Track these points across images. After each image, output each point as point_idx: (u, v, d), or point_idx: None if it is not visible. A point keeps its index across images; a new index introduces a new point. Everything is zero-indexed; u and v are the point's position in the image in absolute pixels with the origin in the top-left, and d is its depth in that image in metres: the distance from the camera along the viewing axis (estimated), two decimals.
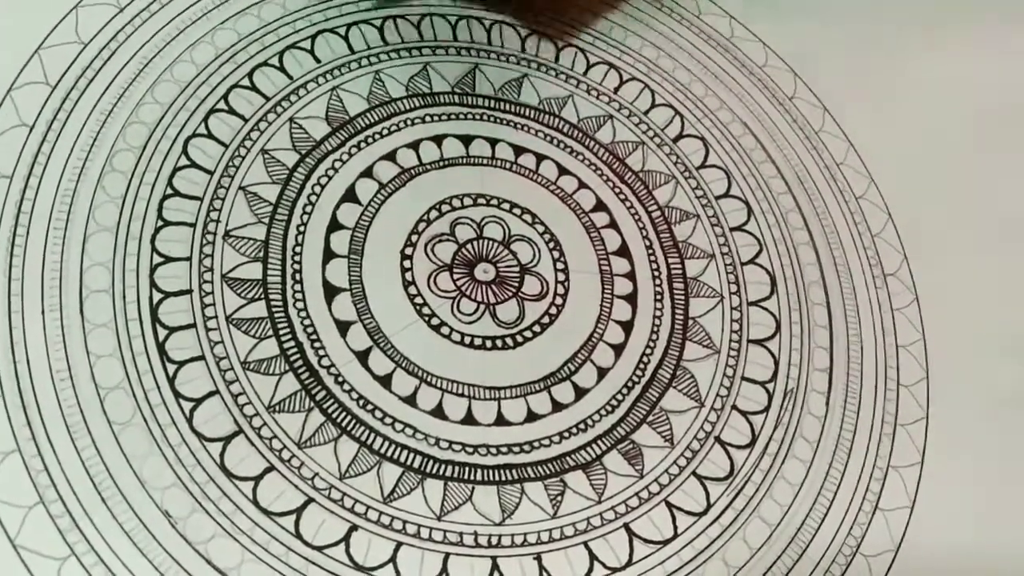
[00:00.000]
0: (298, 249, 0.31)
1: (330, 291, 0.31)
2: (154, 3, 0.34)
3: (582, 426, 0.31)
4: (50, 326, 0.28)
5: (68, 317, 0.28)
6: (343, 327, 0.30)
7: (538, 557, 0.28)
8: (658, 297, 0.33)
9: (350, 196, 0.32)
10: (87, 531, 0.26)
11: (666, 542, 0.29)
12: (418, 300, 0.31)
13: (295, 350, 0.30)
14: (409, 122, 0.35)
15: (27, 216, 0.30)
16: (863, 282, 0.36)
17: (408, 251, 0.32)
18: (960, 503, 0.32)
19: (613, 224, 0.35)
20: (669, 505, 0.30)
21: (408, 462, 0.29)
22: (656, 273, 0.34)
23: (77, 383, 0.28)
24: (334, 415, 0.29)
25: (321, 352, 0.30)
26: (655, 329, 0.33)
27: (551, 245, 0.34)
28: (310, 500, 0.27)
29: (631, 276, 0.34)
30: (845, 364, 0.34)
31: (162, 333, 0.29)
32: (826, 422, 0.33)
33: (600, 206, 0.35)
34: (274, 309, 0.30)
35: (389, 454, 0.29)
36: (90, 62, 0.33)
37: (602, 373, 0.32)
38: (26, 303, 0.28)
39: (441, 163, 0.34)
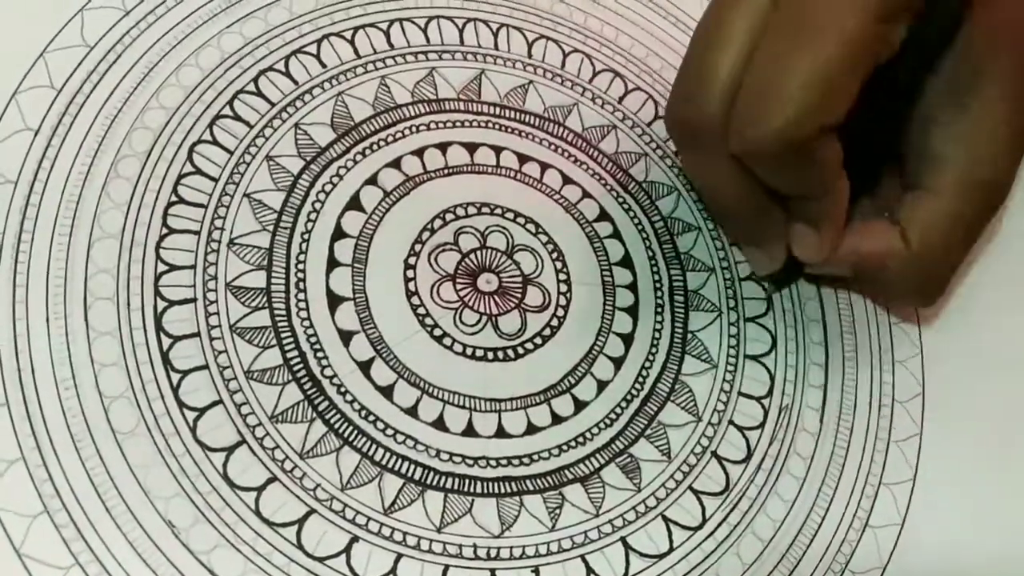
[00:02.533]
0: (302, 257, 0.31)
1: (333, 300, 0.31)
2: (160, 6, 0.34)
3: (581, 439, 0.31)
4: (55, 334, 0.28)
5: (73, 325, 0.29)
6: (346, 337, 0.31)
7: (536, 570, 0.29)
8: (659, 310, 0.34)
9: (354, 204, 0.33)
10: (91, 540, 0.26)
11: (662, 556, 0.30)
12: (421, 310, 0.32)
13: (298, 360, 0.30)
14: (414, 129, 0.35)
15: (32, 222, 0.30)
16: (860, 297, 0.36)
17: (412, 260, 0.32)
18: (950, 521, 0.33)
19: (616, 235, 0.35)
20: (665, 519, 0.30)
21: (409, 474, 0.29)
22: (658, 285, 0.34)
23: (81, 392, 0.28)
24: (336, 426, 0.29)
25: (324, 362, 0.30)
26: (655, 342, 0.33)
27: (554, 255, 0.34)
28: (312, 511, 0.28)
29: (633, 288, 0.34)
30: (840, 380, 0.34)
31: (166, 342, 0.29)
32: (820, 438, 0.33)
33: (603, 216, 0.35)
34: (277, 318, 0.30)
35: (390, 465, 0.29)
36: (95, 65, 0.32)
37: (602, 386, 0.32)
38: (31, 310, 0.29)
39: (446, 171, 0.34)
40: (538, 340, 0.32)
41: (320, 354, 0.30)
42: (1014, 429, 0.35)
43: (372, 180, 0.33)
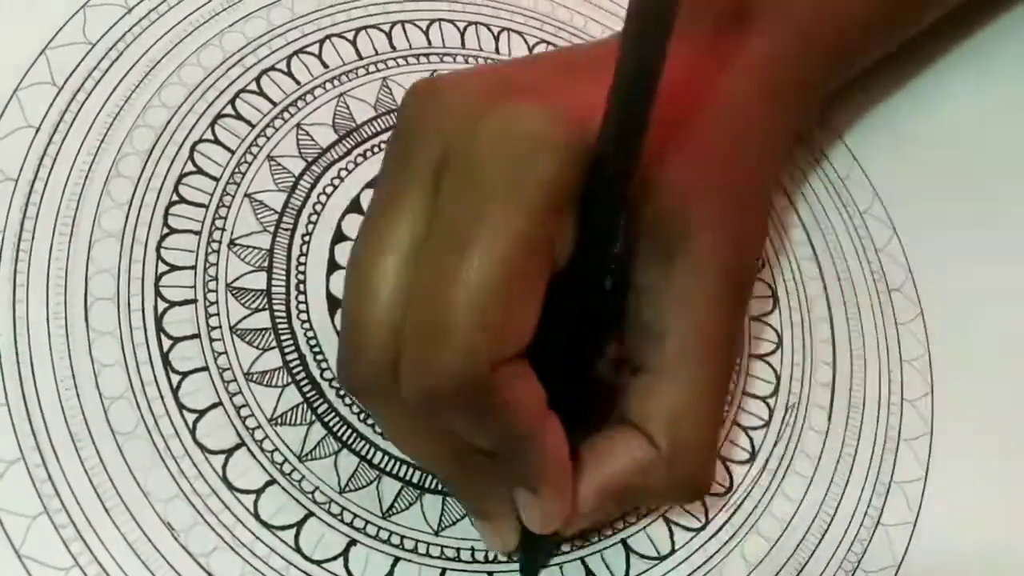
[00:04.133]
0: (303, 259, 0.31)
1: (333, 303, 0.31)
2: (162, 4, 0.34)
3: None
4: (55, 333, 0.28)
5: (73, 324, 0.29)
6: None
7: None
8: None
9: (355, 207, 0.32)
10: (91, 542, 0.26)
11: (663, 558, 0.30)
12: None
13: (298, 362, 0.30)
14: None
15: (32, 220, 0.30)
16: (867, 297, 0.35)
17: None
18: (963, 519, 0.32)
19: None
20: (667, 520, 0.30)
21: (407, 477, 0.29)
22: None
23: (81, 392, 0.28)
24: (335, 428, 0.29)
25: (324, 364, 0.30)
26: None
27: None
28: (310, 514, 0.28)
29: None
30: (848, 379, 0.34)
31: (166, 343, 0.29)
32: (828, 437, 0.33)
33: None
34: (278, 320, 0.30)
35: (389, 469, 0.29)
36: (97, 63, 0.33)
37: None
38: (31, 309, 0.29)
39: None
40: None
41: (320, 356, 0.30)
42: (1022, 428, 0.34)
43: (373, 183, 0.33)
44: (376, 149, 0.33)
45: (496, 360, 0.21)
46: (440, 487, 0.29)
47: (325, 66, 0.34)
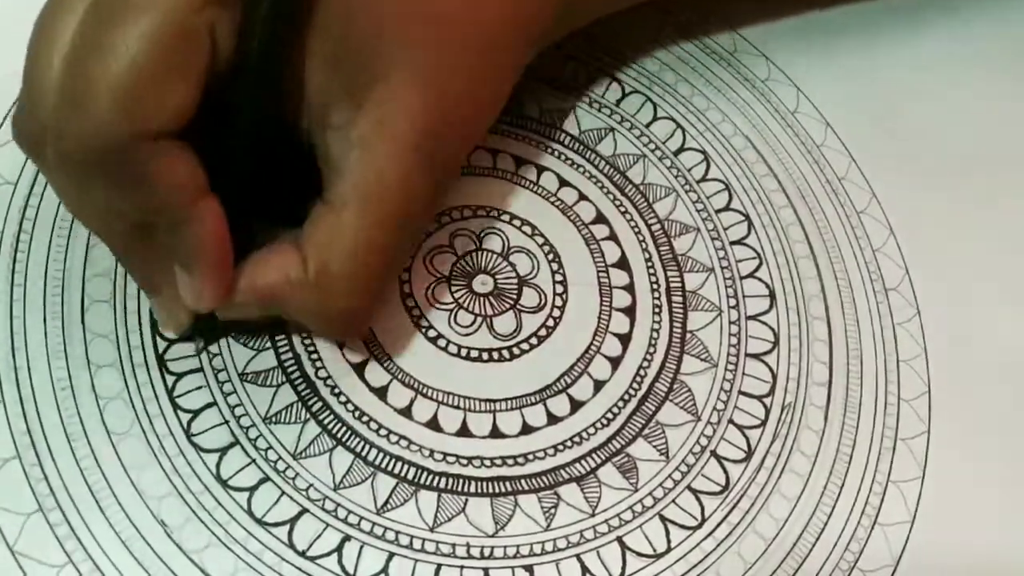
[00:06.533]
0: None
1: None
2: None
3: (577, 439, 0.31)
4: (51, 334, 0.29)
5: (70, 326, 0.29)
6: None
7: (530, 569, 0.28)
8: (656, 310, 0.33)
9: None
10: (84, 539, 0.26)
11: (659, 556, 0.29)
12: (415, 312, 0.32)
13: (292, 362, 0.30)
14: None
15: (31, 223, 0.30)
16: (864, 296, 0.35)
17: (407, 262, 0.32)
18: (961, 518, 0.32)
19: (613, 236, 0.35)
20: (663, 519, 0.30)
21: (402, 473, 0.29)
22: (655, 286, 0.34)
23: (77, 392, 0.28)
24: (330, 426, 0.29)
25: (318, 364, 0.30)
26: (652, 342, 0.33)
27: (550, 257, 0.34)
28: (304, 511, 0.28)
29: (630, 289, 0.34)
30: (844, 378, 0.34)
31: (162, 345, 0.29)
32: (824, 436, 0.33)
33: (600, 218, 0.35)
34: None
35: (384, 465, 0.29)
36: None
37: (598, 386, 0.32)
38: (28, 310, 0.29)
39: None
40: (533, 340, 0.32)
41: (314, 356, 0.30)
42: (1020, 427, 0.34)
43: None
44: None
45: (137, 132, 0.23)
46: (434, 483, 0.29)
47: None
